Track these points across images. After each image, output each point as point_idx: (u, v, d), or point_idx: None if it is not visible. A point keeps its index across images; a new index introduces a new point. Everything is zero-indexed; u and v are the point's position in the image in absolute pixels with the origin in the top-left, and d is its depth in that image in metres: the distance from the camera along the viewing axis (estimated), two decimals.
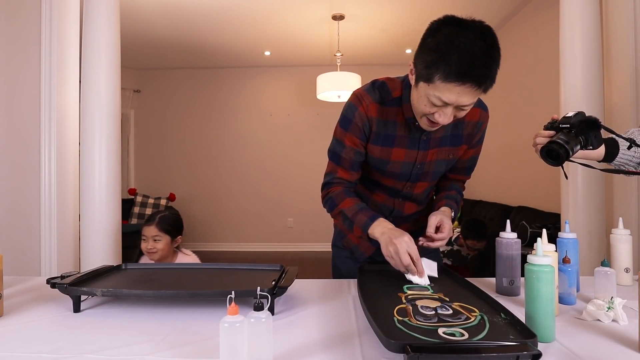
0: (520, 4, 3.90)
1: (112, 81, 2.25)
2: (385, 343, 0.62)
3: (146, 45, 4.92)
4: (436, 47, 0.88)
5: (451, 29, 0.89)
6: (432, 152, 1.12)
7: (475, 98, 0.91)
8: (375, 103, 1.07)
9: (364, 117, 1.07)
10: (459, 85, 0.86)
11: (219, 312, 0.88)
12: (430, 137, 1.09)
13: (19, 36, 2.07)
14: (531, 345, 0.60)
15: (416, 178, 1.16)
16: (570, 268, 0.94)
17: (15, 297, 1.02)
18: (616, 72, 2.00)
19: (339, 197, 1.15)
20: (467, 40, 0.86)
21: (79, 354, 0.69)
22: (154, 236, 1.78)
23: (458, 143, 1.13)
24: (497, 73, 0.90)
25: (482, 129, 1.14)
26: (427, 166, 1.14)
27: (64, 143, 2.18)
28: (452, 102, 0.90)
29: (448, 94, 0.89)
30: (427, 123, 1.00)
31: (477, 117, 1.11)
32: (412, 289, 0.94)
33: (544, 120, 1.11)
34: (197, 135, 5.90)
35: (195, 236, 5.85)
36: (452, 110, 0.93)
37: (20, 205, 2.06)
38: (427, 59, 0.90)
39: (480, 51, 0.86)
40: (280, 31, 4.52)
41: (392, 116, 1.08)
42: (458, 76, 0.85)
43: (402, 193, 1.20)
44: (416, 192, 1.20)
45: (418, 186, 1.19)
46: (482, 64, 0.86)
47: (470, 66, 0.85)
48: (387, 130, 1.09)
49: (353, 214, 1.10)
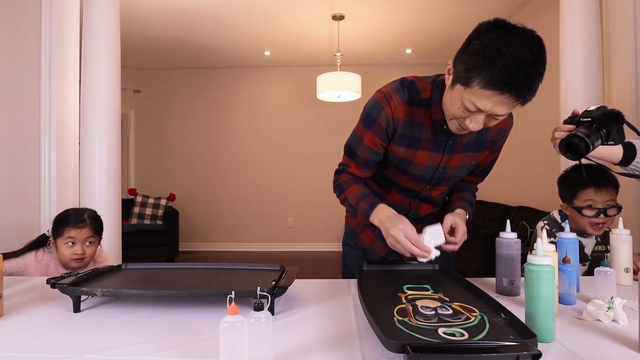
0: (520, 4, 3.90)
1: (112, 81, 2.25)
2: (385, 343, 0.62)
3: (146, 45, 4.92)
4: (481, 51, 0.84)
5: (499, 34, 0.84)
6: (457, 158, 1.10)
7: (511, 109, 0.88)
8: (404, 104, 1.05)
9: (390, 118, 1.05)
10: (498, 95, 0.83)
11: (219, 312, 0.88)
12: (456, 142, 1.07)
13: (19, 36, 2.07)
14: (531, 345, 0.60)
15: (437, 182, 1.15)
16: (570, 268, 0.94)
17: (15, 297, 1.02)
18: (616, 72, 2.00)
19: (346, 183, 1.16)
20: (515, 48, 0.81)
21: (79, 354, 0.69)
22: (87, 238, 1.49)
23: (481, 149, 1.12)
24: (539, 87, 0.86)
25: (505, 135, 1.14)
26: (449, 171, 1.12)
27: (64, 143, 2.18)
28: (486, 110, 0.87)
29: (484, 101, 0.86)
30: (457, 126, 0.98)
31: (502, 124, 1.09)
32: (412, 289, 0.94)
33: (544, 120, 1.12)
34: (197, 135, 5.90)
35: (195, 236, 5.85)
36: (485, 118, 0.91)
37: (20, 205, 2.06)
38: (469, 62, 0.86)
39: (526, 62, 0.81)
40: (280, 31, 4.52)
41: (419, 118, 1.05)
42: (498, 85, 0.82)
43: (421, 195, 1.19)
44: (434, 194, 1.19)
45: (437, 189, 1.18)
46: (526, 76, 0.81)
47: (513, 77, 0.81)
48: (412, 131, 1.06)
49: (356, 201, 1.11)
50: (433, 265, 1.14)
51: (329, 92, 4.10)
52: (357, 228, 1.32)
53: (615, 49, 2.01)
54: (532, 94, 0.85)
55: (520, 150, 4.04)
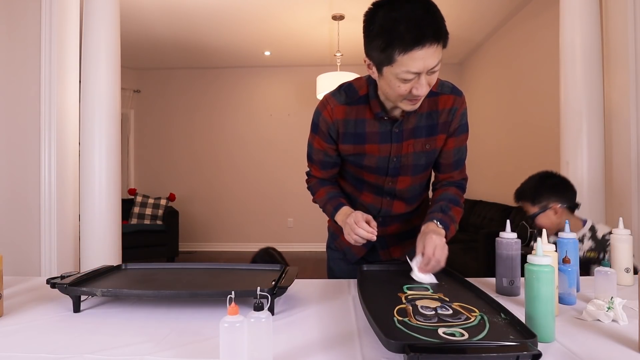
0: (520, 4, 3.90)
1: (112, 81, 2.25)
2: (385, 343, 0.62)
3: (146, 45, 4.92)
4: (380, 30, 0.89)
5: (385, 8, 0.90)
6: (407, 144, 1.10)
7: (438, 56, 0.90)
8: (341, 105, 1.09)
9: (328, 121, 1.10)
10: (420, 49, 0.87)
11: (219, 312, 0.88)
12: (402, 128, 1.08)
13: (19, 36, 2.07)
14: (531, 345, 0.60)
15: (395, 172, 1.14)
16: (570, 268, 0.94)
17: (15, 297, 1.02)
18: (616, 72, 2.00)
19: (315, 187, 1.25)
20: (404, 9, 0.87)
21: (79, 354, 0.69)
22: None
23: (434, 133, 1.10)
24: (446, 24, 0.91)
25: (457, 114, 1.10)
26: (404, 159, 1.12)
27: (64, 143, 2.18)
28: (420, 69, 0.90)
29: (414, 63, 0.89)
30: (409, 104, 0.99)
31: (450, 104, 1.08)
32: (412, 289, 0.94)
33: (544, 120, 1.12)
34: (197, 135, 5.90)
35: (195, 236, 5.85)
36: (425, 79, 0.92)
37: (20, 205, 2.06)
38: (379, 45, 0.90)
39: (422, 12, 0.87)
40: (280, 31, 4.52)
41: (360, 114, 1.09)
42: (415, 41, 0.86)
43: (386, 189, 1.18)
44: (399, 187, 1.17)
45: (400, 181, 1.17)
46: (430, 21, 0.87)
47: (421, 27, 0.86)
48: (356, 128, 1.10)
49: (323, 204, 1.21)
50: None
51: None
52: (336, 231, 1.33)
53: (615, 49, 2.00)
54: (445, 32, 0.90)
55: (520, 150, 4.04)
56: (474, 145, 5.38)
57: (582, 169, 2.05)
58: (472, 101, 5.38)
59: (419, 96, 0.95)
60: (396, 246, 1.29)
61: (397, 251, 1.29)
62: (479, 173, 5.19)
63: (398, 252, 1.28)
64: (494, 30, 4.58)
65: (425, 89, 0.94)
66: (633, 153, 1.92)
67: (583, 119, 2.05)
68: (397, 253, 1.29)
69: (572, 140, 2.09)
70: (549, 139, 3.38)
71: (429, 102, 1.07)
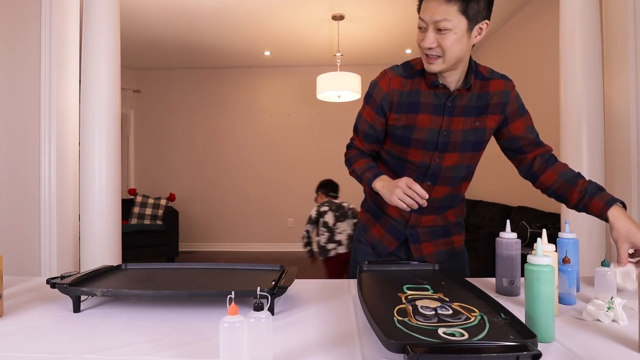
0: (520, 4, 3.90)
1: (112, 81, 2.25)
2: (385, 343, 0.62)
3: (146, 45, 4.92)
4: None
5: None
6: (458, 121, 1.13)
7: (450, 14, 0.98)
8: (399, 76, 1.14)
9: (384, 90, 1.14)
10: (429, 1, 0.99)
11: (219, 312, 0.88)
12: (455, 104, 1.12)
13: (19, 36, 2.07)
14: (531, 345, 0.60)
15: (443, 147, 1.15)
16: (570, 268, 0.94)
17: (15, 297, 1.02)
18: (616, 72, 2.00)
19: (354, 158, 1.26)
20: None
21: (79, 354, 0.69)
22: None
23: (484, 112, 1.14)
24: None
25: (511, 97, 1.15)
26: (453, 135, 1.14)
27: (64, 143, 2.18)
28: (427, 20, 1.00)
29: (423, 12, 1.01)
30: (426, 60, 1.07)
31: (501, 87, 1.14)
32: (412, 289, 0.94)
33: (544, 120, 1.13)
34: (197, 135, 5.90)
35: (195, 236, 5.85)
36: (434, 34, 1.01)
37: (20, 205, 2.06)
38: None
39: None
40: (280, 31, 4.52)
41: (415, 86, 1.14)
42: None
43: (432, 167, 1.18)
44: (446, 164, 1.17)
45: (447, 158, 1.17)
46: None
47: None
48: (411, 98, 1.14)
49: (362, 172, 1.20)
50: (433, 266, 1.14)
51: (328, 92, 4.10)
52: (368, 223, 1.33)
53: (615, 49, 2.00)
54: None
55: None
56: None
57: (582, 169, 2.05)
58: None
59: (426, 49, 1.03)
60: (428, 242, 1.26)
61: (428, 247, 1.26)
62: (479, 173, 5.18)
63: (430, 249, 1.26)
64: (493, 31, 4.58)
65: (429, 42, 1.01)
66: (633, 153, 1.92)
67: (583, 119, 2.05)
68: (429, 250, 1.26)
69: (572, 140, 2.09)
70: (549, 139, 3.37)
71: (481, 84, 1.13)
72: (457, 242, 1.29)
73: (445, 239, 1.27)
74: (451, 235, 1.28)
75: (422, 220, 1.24)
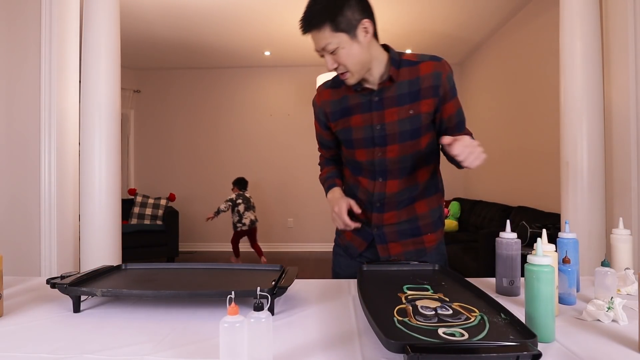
0: (520, 4, 3.90)
1: (112, 81, 2.24)
2: (385, 343, 0.62)
3: (146, 45, 4.92)
4: None
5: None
6: (391, 112, 1.16)
7: (327, 38, 1.07)
8: (327, 89, 1.26)
9: (317, 105, 1.29)
10: (309, 34, 1.10)
11: (219, 312, 0.88)
12: (382, 97, 1.17)
13: (19, 36, 2.07)
14: (531, 345, 0.60)
15: (382, 141, 1.18)
16: (570, 268, 0.94)
17: (15, 297, 1.02)
18: (616, 72, 2.00)
19: (321, 166, 1.42)
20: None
21: (79, 354, 0.69)
22: None
23: (417, 98, 1.15)
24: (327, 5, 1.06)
25: (443, 79, 1.13)
26: (389, 127, 1.17)
27: (64, 143, 2.18)
28: (318, 49, 1.11)
29: (315, 45, 1.11)
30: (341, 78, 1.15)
31: (431, 69, 1.14)
32: (412, 289, 0.94)
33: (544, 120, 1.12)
34: (197, 135, 5.90)
35: (195, 236, 5.85)
36: (330, 57, 1.10)
37: (20, 205, 2.06)
38: None
39: (310, 2, 1.08)
40: (280, 31, 4.52)
41: (343, 92, 1.22)
42: (301, 30, 1.10)
43: (377, 163, 1.20)
44: (389, 156, 1.19)
45: (389, 150, 1.18)
46: (307, 12, 1.08)
47: (302, 19, 1.08)
48: (342, 104, 1.23)
49: (323, 181, 1.36)
50: (433, 266, 1.14)
51: None
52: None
53: (615, 49, 2.00)
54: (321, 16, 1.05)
55: (520, 150, 4.04)
56: None
57: (582, 168, 2.05)
58: (472, 101, 5.38)
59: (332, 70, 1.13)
60: (396, 242, 1.25)
61: (396, 248, 1.25)
62: (479, 173, 5.19)
63: (397, 249, 1.25)
64: (493, 31, 4.58)
65: (330, 65, 1.11)
66: (633, 153, 1.92)
67: (583, 119, 2.05)
68: (396, 250, 1.25)
69: (572, 140, 2.09)
70: (549, 139, 3.38)
71: (410, 70, 1.15)
72: (428, 242, 1.26)
73: (414, 239, 1.25)
74: (421, 235, 1.25)
75: (385, 218, 1.24)
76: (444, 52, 5.26)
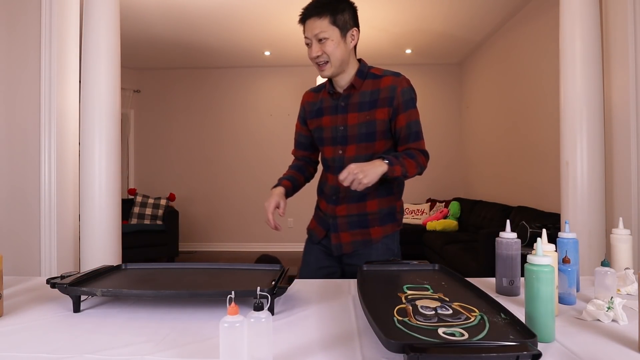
0: (520, 4, 3.90)
1: (112, 81, 2.24)
2: (385, 343, 0.62)
3: (146, 45, 4.92)
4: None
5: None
6: (353, 116, 1.34)
7: (324, 27, 1.25)
8: (311, 92, 1.48)
9: (301, 105, 1.50)
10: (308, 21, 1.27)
11: (219, 312, 0.88)
12: (348, 102, 1.35)
13: (19, 36, 2.07)
14: (531, 345, 0.60)
15: (343, 140, 1.35)
16: (570, 268, 0.94)
17: (15, 297, 1.02)
18: (616, 72, 2.00)
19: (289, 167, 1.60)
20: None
21: (79, 354, 0.69)
22: None
23: (374, 106, 1.32)
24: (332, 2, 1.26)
25: (398, 92, 1.30)
26: (350, 129, 1.34)
27: (64, 143, 2.18)
28: (310, 35, 1.28)
29: (307, 32, 1.29)
30: (318, 69, 1.32)
31: (389, 82, 1.31)
32: (412, 289, 0.94)
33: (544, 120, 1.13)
34: (197, 135, 5.90)
35: (195, 236, 5.85)
36: (317, 45, 1.27)
37: (20, 205, 2.06)
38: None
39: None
40: (280, 31, 4.52)
41: (321, 96, 1.43)
42: (302, 18, 1.30)
43: (337, 160, 1.37)
44: (347, 155, 1.35)
45: (348, 149, 1.35)
46: (313, 2, 1.28)
47: (308, 6, 1.28)
48: (318, 105, 1.42)
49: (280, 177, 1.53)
50: (433, 266, 1.14)
51: None
52: (313, 216, 1.53)
53: (615, 49, 2.00)
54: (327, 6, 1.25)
55: (520, 150, 4.05)
56: (474, 145, 5.40)
57: (582, 169, 2.05)
58: (472, 101, 5.38)
59: (315, 58, 1.29)
60: (345, 232, 1.38)
61: (345, 237, 1.38)
62: (479, 173, 5.19)
63: (347, 238, 1.37)
64: (493, 31, 4.58)
65: (315, 51, 1.28)
66: (633, 153, 1.92)
67: (583, 119, 2.05)
68: (346, 239, 1.37)
69: (572, 140, 2.09)
70: (549, 139, 3.38)
71: (373, 82, 1.33)
72: (374, 234, 1.37)
73: (361, 230, 1.37)
74: (368, 227, 1.36)
75: (337, 210, 1.38)
76: (444, 52, 5.26)
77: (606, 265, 0.95)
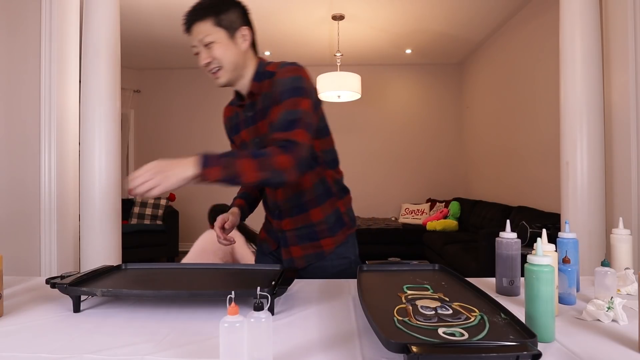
0: (520, 5, 3.90)
1: (112, 81, 2.24)
2: (385, 343, 0.62)
3: (146, 45, 4.92)
4: None
5: None
6: (263, 124, 1.21)
7: (207, 30, 1.13)
8: (228, 106, 1.37)
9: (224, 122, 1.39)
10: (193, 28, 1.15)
11: (219, 312, 0.88)
12: (255, 111, 1.23)
13: (19, 36, 2.07)
14: (531, 345, 0.60)
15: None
16: (570, 268, 0.94)
17: (15, 297, 1.02)
18: (616, 72, 2.00)
19: None
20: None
21: (79, 354, 0.69)
22: None
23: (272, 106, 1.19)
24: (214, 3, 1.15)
25: (279, 82, 1.14)
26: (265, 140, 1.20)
27: (64, 143, 2.18)
28: (196, 42, 1.15)
29: (192, 39, 1.16)
30: (213, 78, 1.19)
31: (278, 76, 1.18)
32: (412, 289, 0.94)
33: (544, 120, 1.12)
34: (197, 135, 5.90)
35: (195, 236, 5.83)
36: (205, 50, 1.14)
37: (20, 205, 2.06)
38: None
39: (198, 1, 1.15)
40: (280, 31, 4.52)
41: (235, 109, 1.32)
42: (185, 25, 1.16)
43: None
44: None
45: None
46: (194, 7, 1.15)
47: (188, 13, 1.15)
48: (234, 121, 1.33)
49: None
50: (433, 266, 1.14)
51: (329, 92, 4.10)
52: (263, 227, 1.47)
53: (615, 49, 2.01)
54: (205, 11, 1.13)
55: (520, 150, 4.05)
56: (474, 145, 5.39)
57: (582, 169, 2.05)
58: (472, 101, 5.38)
59: (205, 65, 1.15)
60: (296, 246, 1.29)
61: (297, 251, 1.29)
62: (479, 173, 5.19)
63: (298, 252, 1.29)
64: (493, 31, 4.58)
65: (204, 58, 1.14)
66: (633, 153, 1.92)
67: (583, 119, 2.05)
68: (297, 253, 1.29)
69: (572, 140, 2.09)
70: (549, 139, 3.38)
71: (270, 82, 1.18)
72: (326, 246, 1.27)
73: (312, 243, 1.27)
74: (318, 240, 1.27)
75: (282, 224, 1.30)
76: (444, 52, 5.26)
77: (606, 265, 0.95)
